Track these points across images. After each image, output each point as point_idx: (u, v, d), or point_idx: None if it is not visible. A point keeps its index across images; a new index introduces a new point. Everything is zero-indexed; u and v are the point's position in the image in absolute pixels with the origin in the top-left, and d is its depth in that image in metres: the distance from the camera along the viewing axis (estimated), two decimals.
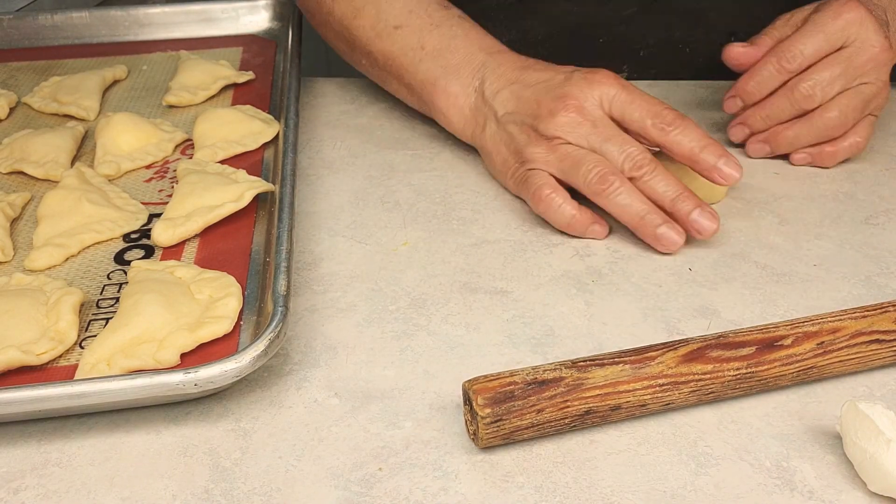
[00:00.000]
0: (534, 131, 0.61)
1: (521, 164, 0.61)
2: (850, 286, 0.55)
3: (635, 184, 0.58)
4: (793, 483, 0.42)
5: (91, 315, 0.52)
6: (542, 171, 0.60)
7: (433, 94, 0.67)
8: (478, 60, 0.66)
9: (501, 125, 0.63)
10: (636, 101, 0.59)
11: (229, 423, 0.46)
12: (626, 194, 0.57)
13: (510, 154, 0.63)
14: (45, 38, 0.88)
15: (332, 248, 0.60)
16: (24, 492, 0.43)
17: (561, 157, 0.59)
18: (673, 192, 0.57)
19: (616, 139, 0.58)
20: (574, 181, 0.59)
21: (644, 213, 0.57)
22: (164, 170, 0.67)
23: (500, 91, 0.64)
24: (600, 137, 0.59)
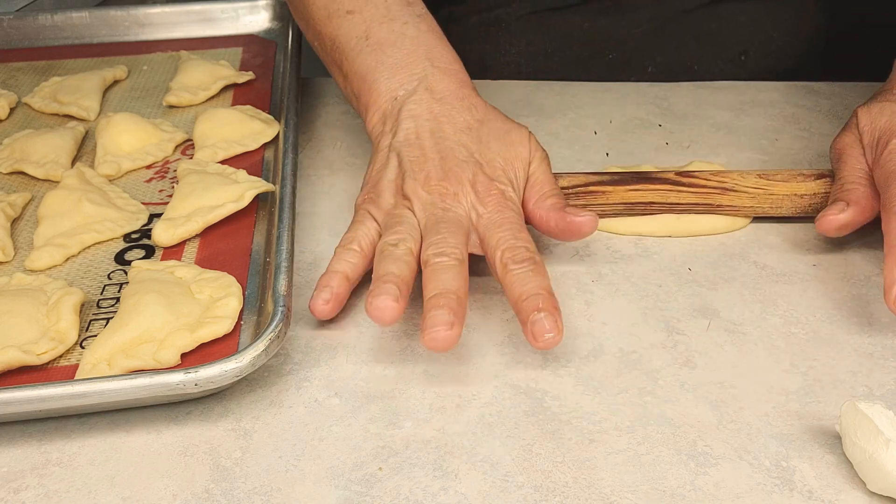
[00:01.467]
0: (401, 180, 0.56)
1: (371, 199, 0.56)
2: (850, 286, 0.55)
3: (424, 269, 0.50)
4: (792, 483, 0.42)
5: (91, 315, 0.52)
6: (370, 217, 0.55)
7: (361, 88, 0.62)
8: (419, 68, 0.60)
9: (391, 149, 0.58)
10: (503, 227, 0.52)
11: (229, 423, 0.46)
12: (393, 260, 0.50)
13: (373, 179, 0.57)
14: (46, 39, 0.88)
15: (332, 248, 0.60)
16: (25, 492, 0.43)
17: (396, 219, 0.54)
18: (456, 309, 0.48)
19: (445, 229, 0.52)
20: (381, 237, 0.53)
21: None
22: (165, 170, 0.67)
23: (414, 118, 0.58)
24: (436, 221, 0.53)
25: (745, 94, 0.78)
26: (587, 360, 0.50)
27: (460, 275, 0.49)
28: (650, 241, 0.60)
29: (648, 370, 0.49)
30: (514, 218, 0.53)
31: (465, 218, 0.54)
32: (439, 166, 0.55)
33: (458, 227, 0.52)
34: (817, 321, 0.53)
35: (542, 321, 0.47)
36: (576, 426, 0.46)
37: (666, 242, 0.60)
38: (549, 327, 0.47)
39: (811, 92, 0.78)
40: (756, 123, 0.74)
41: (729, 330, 0.52)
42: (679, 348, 0.51)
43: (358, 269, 0.53)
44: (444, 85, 0.59)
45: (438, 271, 0.49)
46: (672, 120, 0.74)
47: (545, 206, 0.55)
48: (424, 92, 0.59)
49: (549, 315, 0.47)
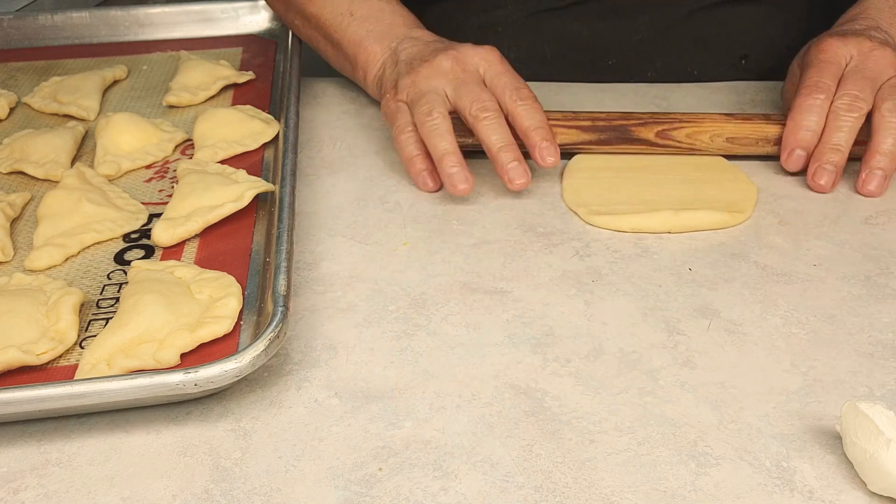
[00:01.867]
0: (413, 67, 0.68)
1: (393, 94, 0.68)
2: (849, 286, 0.55)
3: (475, 124, 0.64)
4: (793, 483, 0.42)
5: (91, 315, 0.52)
6: (406, 109, 0.67)
7: (357, 52, 0.74)
8: (400, 32, 0.73)
9: (397, 65, 0.70)
10: (506, 74, 0.66)
11: (229, 423, 0.46)
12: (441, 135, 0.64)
13: (390, 81, 0.70)
14: (46, 39, 0.88)
15: (332, 248, 0.60)
16: (24, 492, 0.43)
17: (415, 90, 0.66)
18: (501, 140, 0.63)
19: (474, 87, 0.65)
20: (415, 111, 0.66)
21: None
22: (164, 170, 0.67)
23: (410, 48, 0.71)
24: (461, 82, 0.66)
25: (744, 94, 0.78)
26: (587, 360, 0.50)
27: (506, 125, 0.64)
28: (650, 241, 0.60)
29: (648, 370, 0.49)
30: (511, 68, 0.67)
31: (477, 72, 0.67)
32: (441, 47, 0.69)
33: (481, 82, 0.66)
34: (817, 321, 0.53)
35: (549, 147, 0.63)
36: (576, 426, 0.46)
37: (666, 242, 0.60)
38: (551, 153, 0.63)
39: None
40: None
41: (729, 330, 0.52)
42: (679, 348, 0.51)
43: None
44: (423, 34, 0.73)
45: (491, 126, 0.63)
46: None
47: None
48: (407, 40, 0.72)
49: (550, 144, 0.63)
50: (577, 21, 0.81)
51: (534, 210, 0.63)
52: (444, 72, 0.67)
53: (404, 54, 0.70)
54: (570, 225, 0.62)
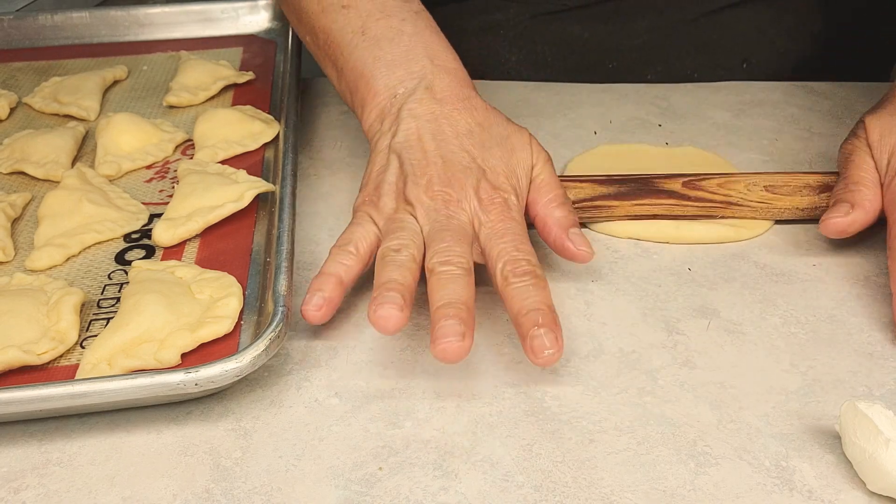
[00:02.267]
0: (402, 184, 0.55)
1: (371, 201, 0.55)
2: (849, 286, 0.55)
3: (430, 278, 0.49)
4: (792, 483, 0.42)
5: (92, 315, 0.52)
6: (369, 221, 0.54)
7: (358, 83, 0.60)
8: (418, 66, 0.59)
9: (391, 150, 0.57)
10: (505, 237, 0.51)
11: (230, 423, 0.46)
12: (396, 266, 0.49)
13: (373, 181, 0.56)
14: (46, 39, 0.88)
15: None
16: (25, 491, 0.43)
17: (393, 221, 0.53)
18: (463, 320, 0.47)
19: (450, 237, 0.51)
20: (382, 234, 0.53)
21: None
22: (165, 170, 0.67)
23: (415, 118, 0.57)
24: (439, 229, 0.52)
25: (744, 94, 0.78)
26: (587, 360, 0.50)
27: (468, 284, 0.48)
28: (650, 242, 0.60)
29: (648, 370, 0.49)
30: (516, 228, 0.52)
31: (468, 226, 0.52)
32: (442, 171, 0.54)
33: (462, 236, 0.51)
34: (817, 321, 0.53)
35: (541, 337, 0.46)
36: (576, 426, 0.46)
37: (666, 243, 0.60)
38: (548, 344, 0.46)
39: (811, 92, 0.78)
40: (756, 123, 0.74)
41: (729, 330, 0.52)
42: (679, 348, 0.51)
43: (353, 271, 0.52)
44: (445, 84, 0.58)
45: (445, 281, 0.48)
46: (672, 120, 0.74)
47: (553, 218, 0.55)
48: (425, 91, 0.58)
49: (548, 331, 0.46)
50: (578, 24, 0.80)
51: None
52: (429, 209, 0.53)
53: (403, 132, 0.56)
54: None
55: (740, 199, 0.59)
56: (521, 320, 0.47)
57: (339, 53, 0.62)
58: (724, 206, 0.60)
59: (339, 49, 0.62)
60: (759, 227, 0.60)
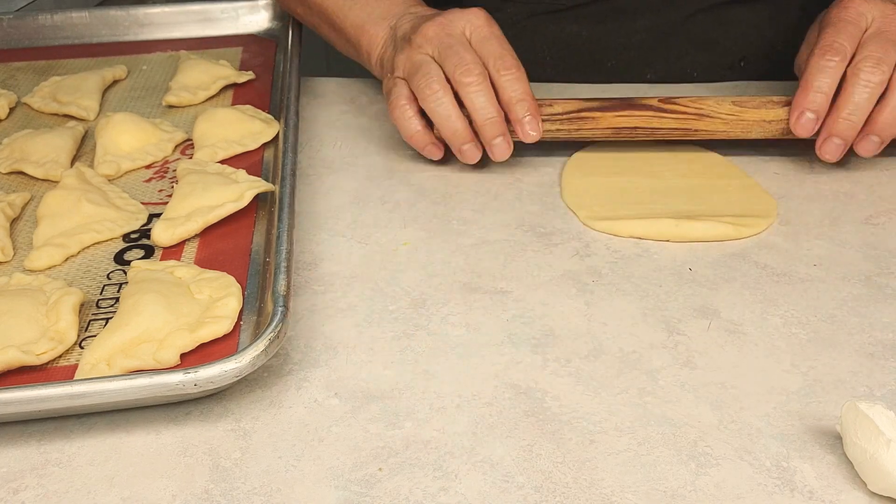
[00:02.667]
0: (405, 42, 0.68)
1: (391, 72, 0.68)
2: (849, 286, 0.55)
3: (459, 89, 0.64)
4: (793, 483, 0.42)
5: (91, 315, 0.52)
6: (403, 83, 0.67)
7: (360, 35, 0.74)
8: (398, 10, 0.73)
9: (395, 43, 0.70)
10: (492, 39, 0.65)
11: (229, 423, 0.46)
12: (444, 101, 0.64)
13: (388, 62, 0.70)
14: (45, 38, 0.88)
15: (332, 248, 0.60)
16: (24, 492, 0.43)
17: (410, 63, 0.66)
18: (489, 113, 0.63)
19: (459, 49, 0.65)
20: (413, 86, 0.65)
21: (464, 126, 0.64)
22: (164, 170, 0.67)
23: (404, 24, 0.70)
24: (445, 46, 0.65)
25: (744, 93, 0.78)
26: (587, 360, 0.50)
27: (489, 90, 0.64)
28: (651, 242, 0.60)
29: (648, 370, 0.49)
30: (498, 32, 0.66)
31: (463, 36, 0.66)
32: (431, 15, 0.69)
33: (466, 44, 0.65)
34: (818, 321, 0.53)
35: (531, 122, 0.63)
36: (576, 426, 0.46)
37: (666, 243, 0.60)
38: (532, 128, 0.64)
39: None
40: None
41: (729, 330, 0.52)
42: (679, 348, 0.51)
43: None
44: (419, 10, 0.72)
45: (474, 95, 0.64)
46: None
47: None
48: (406, 16, 0.72)
49: (532, 118, 0.64)
50: (576, 23, 0.81)
51: (534, 210, 0.63)
52: (430, 38, 0.66)
53: (400, 31, 0.70)
54: (570, 225, 0.62)
55: (711, 112, 0.65)
56: (513, 107, 0.64)
57: (335, 16, 0.76)
58: (697, 117, 0.65)
59: (334, 13, 0.76)
60: (760, 224, 0.60)
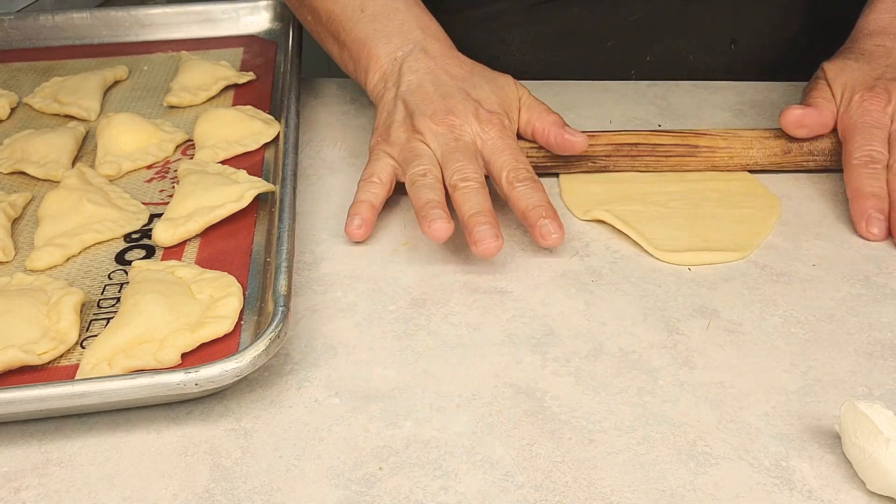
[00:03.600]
0: (410, 119, 0.63)
1: (387, 142, 0.64)
2: (849, 286, 0.55)
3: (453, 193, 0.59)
4: (792, 482, 0.42)
5: (92, 315, 0.52)
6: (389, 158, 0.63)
7: (360, 52, 0.69)
8: (412, 35, 0.68)
9: (397, 98, 0.65)
10: (505, 152, 0.61)
11: (230, 423, 0.47)
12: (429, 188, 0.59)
13: (383, 124, 0.65)
14: (46, 39, 0.88)
15: (332, 248, 0.60)
16: (25, 491, 0.43)
17: (408, 150, 0.62)
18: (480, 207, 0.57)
19: (461, 157, 0.60)
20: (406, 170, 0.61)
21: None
22: (165, 170, 0.67)
23: (415, 72, 0.66)
24: (451, 149, 0.61)
25: (744, 94, 0.78)
26: (587, 360, 0.50)
27: (486, 195, 0.58)
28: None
29: (648, 370, 0.49)
30: (512, 144, 0.62)
31: (472, 145, 0.62)
32: (443, 104, 0.63)
33: (471, 154, 0.61)
34: (817, 321, 0.53)
35: (547, 226, 0.57)
36: (576, 426, 0.46)
37: None
38: (553, 230, 0.56)
39: None
40: (755, 123, 0.74)
41: (729, 330, 0.52)
42: (679, 348, 0.51)
43: (380, 198, 0.61)
44: (436, 47, 0.68)
45: (469, 194, 0.58)
46: (671, 120, 0.74)
47: (548, 122, 0.64)
48: (420, 52, 0.67)
49: (552, 221, 0.57)
50: (576, 7, 0.82)
51: None
52: (435, 134, 0.62)
53: (406, 83, 0.65)
54: (569, 225, 0.62)
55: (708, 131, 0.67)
56: (529, 214, 0.58)
57: (340, 29, 0.70)
58: (696, 135, 0.66)
59: (340, 25, 0.70)
60: (763, 231, 0.60)
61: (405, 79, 0.66)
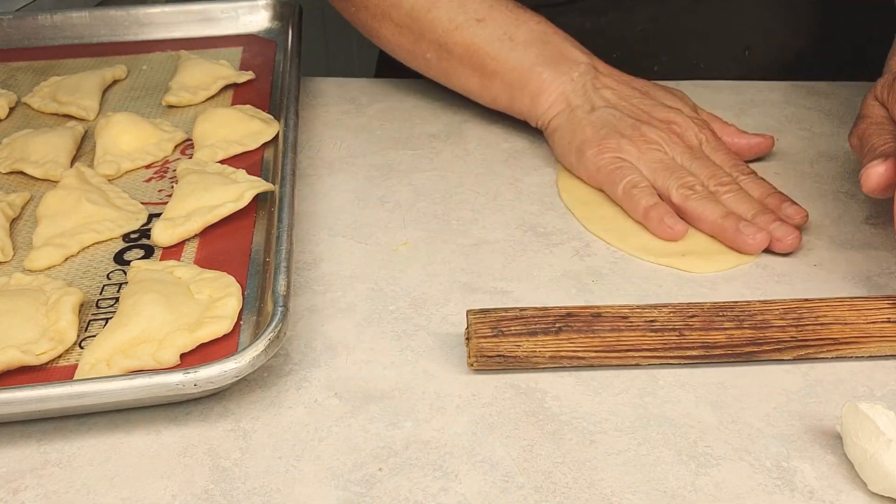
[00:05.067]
0: (636, 129, 0.64)
1: (608, 150, 0.64)
2: (850, 286, 0.55)
3: (718, 198, 0.60)
4: (793, 483, 0.42)
5: (91, 315, 0.52)
6: (632, 167, 0.63)
7: (526, 78, 0.69)
8: (580, 59, 0.69)
9: (596, 111, 0.66)
10: (721, 149, 0.65)
11: (229, 424, 0.46)
12: (708, 202, 0.59)
13: (595, 135, 0.65)
14: (45, 38, 0.88)
15: (332, 248, 0.60)
16: (24, 492, 0.43)
17: (654, 160, 0.63)
18: (753, 209, 0.59)
19: (705, 161, 0.63)
20: (661, 186, 0.61)
21: (722, 216, 0.59)
22: (164, 170, 0.67)
23: (606, 87, 0.68)
24: (690, 158, 0.63)
25: (745, 93, 0.78)
26: None
27: (746, 195, 0.61)
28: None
29: (649, 371, 0.49)
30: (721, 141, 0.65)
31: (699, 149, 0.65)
32: (657, 115, 0.66)
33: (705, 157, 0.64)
34: None
35: (790, 206, 0.60)
36: (576, 426, 0.46)
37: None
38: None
39: (811, 92, 0.78)
40: (756, 123, 0.73)
41: None
42: None
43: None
44: (603, 66, 0.70)
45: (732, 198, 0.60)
46: None
47: (727, 130, 0.67)
48: (595, 71, 0.69)
49: (791, 204, 0.60)
50: (580, 17, 0.81)
51: (533, 210, 0.63)
52: (667, 142, 0.64)
53: (602, 99, 0.67)
54: (569, 225, 0.62)
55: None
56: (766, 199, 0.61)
57: (490, 59, 0.70)
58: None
59: (489, 56, 0.70)
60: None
61: (597, 95, 0.67)
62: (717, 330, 0.48)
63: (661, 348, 0.48)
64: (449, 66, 0.73)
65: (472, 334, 0.48)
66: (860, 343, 0.49)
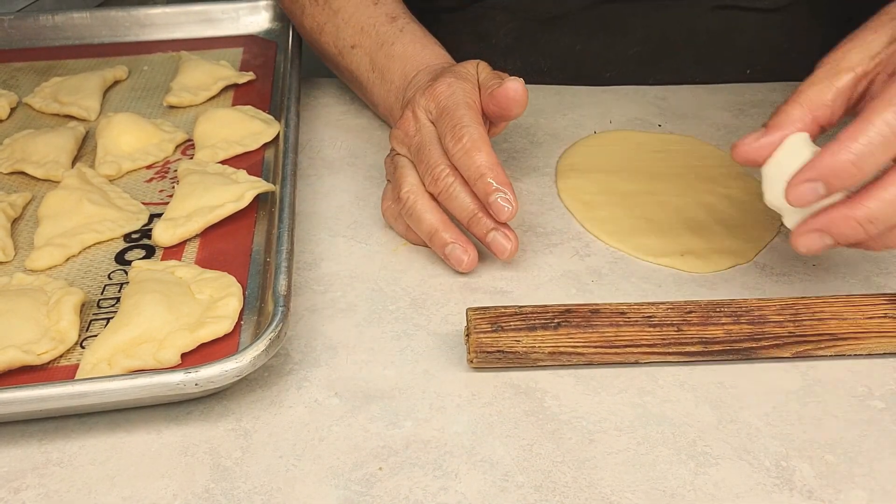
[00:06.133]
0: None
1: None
2: (850, 286, 0.55)
3: (437, 198, 0.57)
4: (792, 482, 0.42)
5: (92, 315, 0.52)
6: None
7: (388, 118, 0.69)
8: (409, 78, 0.66)
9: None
10: (444, 115, 0.58)
11: (230, 423, 0.46)
12: (423, 209, 0.57)
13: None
14: (46, 39, 0.88)
15: (332, 248, 0.60)
16: (25, 491, 0.43)
17: (393, 167, 0.61)
18: (469, 211, 0.56)
19: (425, 152, 0.58)
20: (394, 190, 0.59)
21: (434, 230, 0.56)
22: (165, 170, 0.67)
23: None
24: (417, 147, 0.59)
25: (744, 94, 0.78)
26: None
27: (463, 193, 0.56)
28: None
29: (648, 370, 0.49)
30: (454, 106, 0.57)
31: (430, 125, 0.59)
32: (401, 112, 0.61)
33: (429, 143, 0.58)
34: None
35: (497, 201, 0.54)
36: (576, 426, 0.46)
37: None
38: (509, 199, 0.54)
39: None
40: (756, 123, 0.73)
41: None
42: None
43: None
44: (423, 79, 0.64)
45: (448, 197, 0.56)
46: (672, 120, 0.74)
47: (484, 97, 0.59)
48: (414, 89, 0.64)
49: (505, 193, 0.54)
50: (569, 36, 0.79)
51: (533, 210, 0.63)
52: (400, 141, 0.60)
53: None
54: (569, 225, 0.62)
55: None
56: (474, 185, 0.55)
57: (364, 91, 0.72)
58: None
59: (363, 87, 0.72)
60: (764, 237, 0.60)
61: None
62: (715, 325, 0.48)
63: (659, 344, 0.48)
64: (351, 84, 0.75)
65: (472, 330, 0.48)
66: (858, 339, 0.49)
